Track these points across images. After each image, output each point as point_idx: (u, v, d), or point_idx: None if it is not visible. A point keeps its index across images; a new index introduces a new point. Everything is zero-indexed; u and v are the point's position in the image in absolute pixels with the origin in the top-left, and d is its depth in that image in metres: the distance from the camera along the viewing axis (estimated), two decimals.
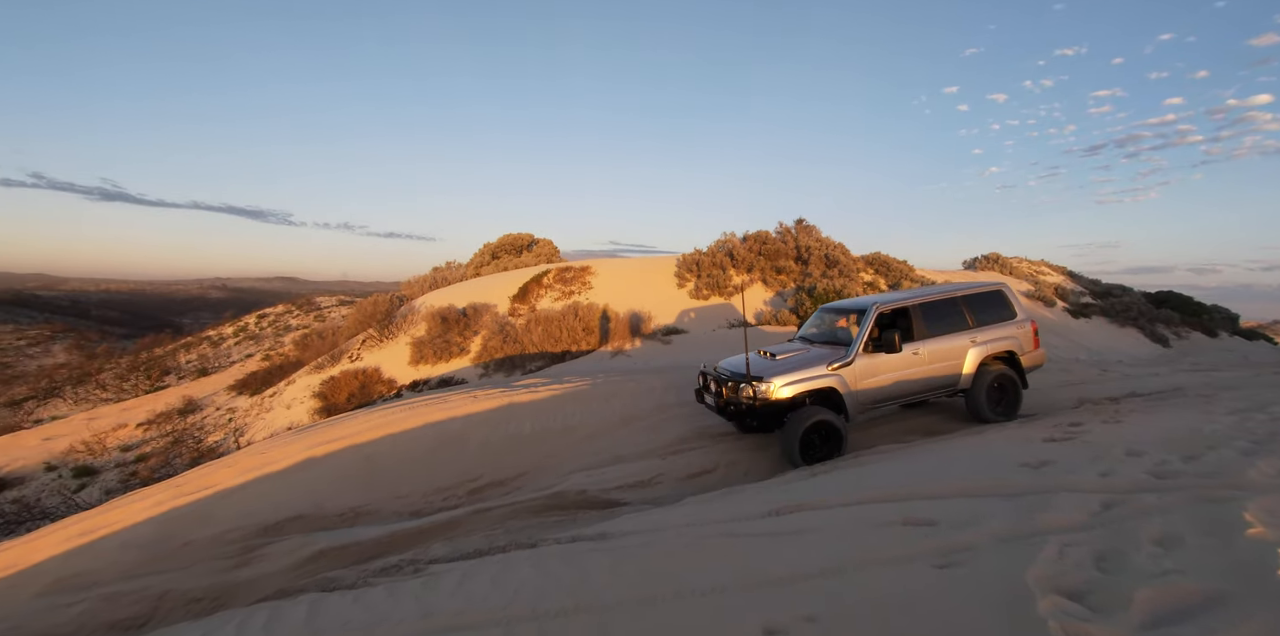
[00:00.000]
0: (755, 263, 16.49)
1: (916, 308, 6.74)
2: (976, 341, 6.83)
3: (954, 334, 6.77)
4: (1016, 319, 7.13)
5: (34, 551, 7.01)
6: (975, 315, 6.93)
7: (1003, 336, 6.98)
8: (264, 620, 3.61)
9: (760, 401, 6.04)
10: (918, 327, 6.67)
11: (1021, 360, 7.05)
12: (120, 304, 75.96)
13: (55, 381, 25.30)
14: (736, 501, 4.39)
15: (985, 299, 7.07)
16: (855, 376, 6.27)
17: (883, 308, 6.61)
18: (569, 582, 3.14)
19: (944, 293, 6.96)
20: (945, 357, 6.67)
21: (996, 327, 6.99)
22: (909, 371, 6.51)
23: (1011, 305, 7.16)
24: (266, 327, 30.58)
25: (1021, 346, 7.05)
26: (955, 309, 6.88)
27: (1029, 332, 7.12)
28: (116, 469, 12.78)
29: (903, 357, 6.46)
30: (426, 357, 14.03)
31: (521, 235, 26.75)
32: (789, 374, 6.15)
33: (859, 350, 6.33)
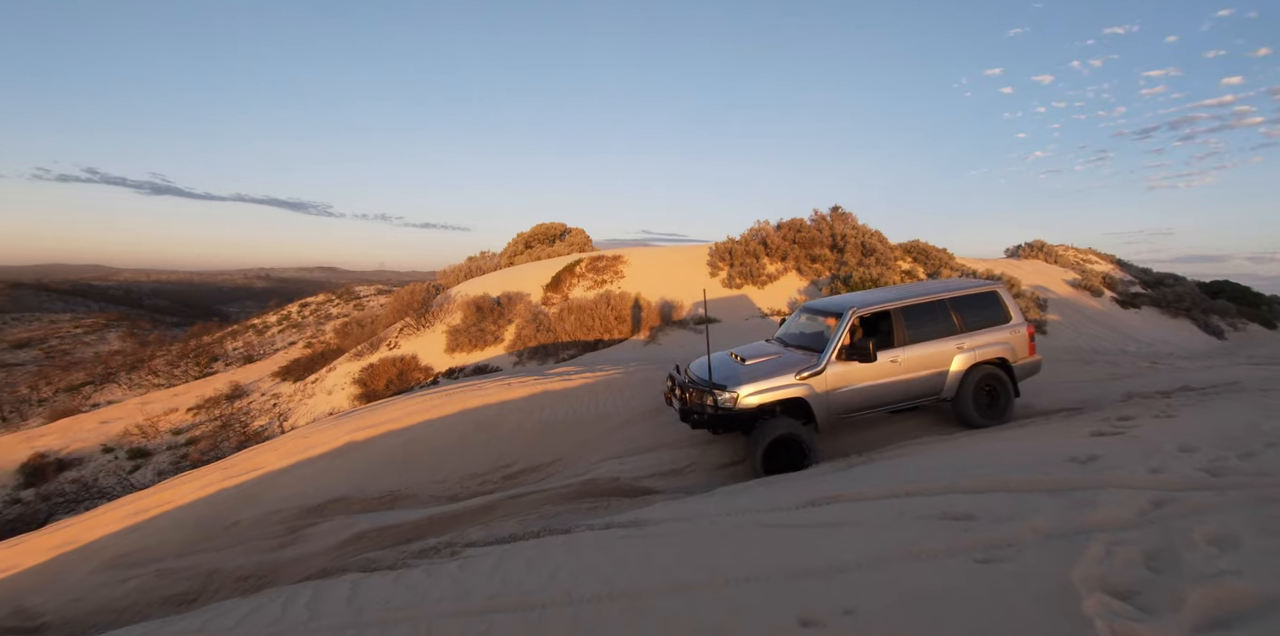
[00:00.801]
0: (789, 251, 16.28)
1: (899, 311, 6.35)
2: (964, 347, 6.45)
3: (939, 339, 6.38)
4: (1010, 323, 6.70)
5: (92, 529, 7.38)
6: (964, 318, 6.52)
7: (994, 342, 6.56)
8: (308, 598, 3.73)
9: (723, 410, 5.80)
10: (899, 332, 6.29)
11: (1014, 367, 6.66)
12: (170, 293, 78.96)
13: (111, 367, 26.49)
14: (770, 492, 4.37)
15: (976, 301, 6.64)
16: (827, 384, 5.97)
17: (861, 311, 6.27)
18: (603, 569, 3.17)
19: (930, 294, 6.54)
20: (928, 364, 6.31)
21: (987, 332, 6.57)
22: (887, 379, 6.16)
23: (1006, 308, 6.74)
24: (308, 316, 31.45)
25: (1015, 352, 6.63)
26: (942, 312, 6.46)
27: (1024, 337, 6.70)
28: (168, 451, 13.35)
29: (880, 365, 6.12)
30: (462, 345, 14.25)
31: (554, 224, 26.87)
32: (756, 382, 5.89)
33: (831, 357, 6.02)
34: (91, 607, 5.48)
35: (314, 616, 3.36)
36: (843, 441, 6.61)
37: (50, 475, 12.81)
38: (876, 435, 6.72)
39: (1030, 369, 6.82)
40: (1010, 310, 6.75)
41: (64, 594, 5.81)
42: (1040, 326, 14.30)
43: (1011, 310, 6.75)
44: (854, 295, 7.24)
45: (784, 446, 5.71)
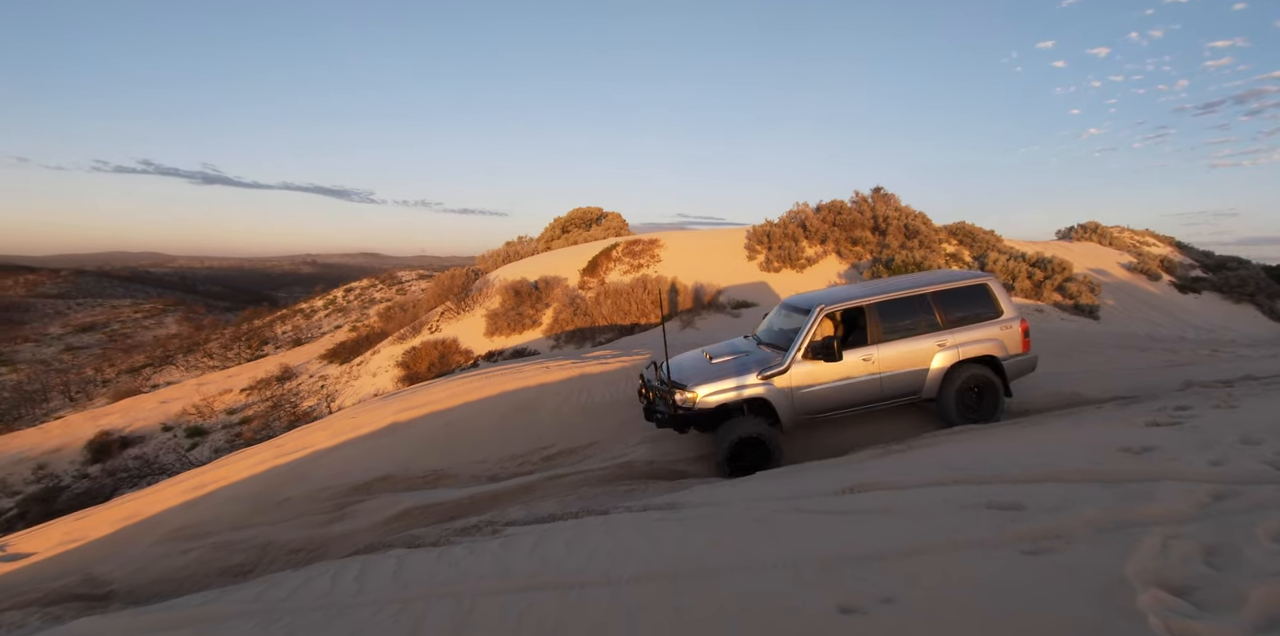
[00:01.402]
0: (829, 233, 15.97)
1: (872, 307, 6.11)
2: (946, 344, 6.11)
3: (918, 336, 6.09)
4: (1001, 318, 6.31)
5: (154, 503, 7.79)
6: (948, 314, 6.19)
7: (981, 338, 6.19)
8: (356, 572, 3.88)
9: (683, 410, 5.77)
10: (872, 329, 6.06)
11: (1005, 365, 6.26)
12: (223, 279, 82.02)
13: (169, 350, 27.74)
14: (805, 478, 4.34)
15: (962, 295, 6.27)
16: (793, 384, 5.82)
17: (829, 308, 6.05)
18: (641, 550, 3.20)
19: (910, 288, 6.24)
20: (905, 363, 6.03)
21: (974, 328, 6.21)
22: (859, 378, 5.94)
23: (996, 301, 6.35)
24: (353, 300, 32.31)
25: (1005, 349, 6.25)
26: (922, 307, 6.16)
27: (1016, 333, 6.30)
28: (223, 430, 13.96)
29: (850, 364, 5.91)
30: (501, 329, 14.46)
31: (590, 209, 26.90)
32: (716, 381, 5.81)
33: (795, 356, 5.85)
34: (154, 577, 5.81)
35: (362, 590, 3.49)
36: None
37: (115, 452, 13.55)
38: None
39: (1024, 366, 6.42)
40: (1002, 304, 6.35)
41: (129, 563, 6.16)
42: (1093, 311, 13.76)
43: (1003, 304, 6.36)
44: (831, 291, 6.93)
45: (752, 446, 5.63)
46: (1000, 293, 6.38)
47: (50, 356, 31.10)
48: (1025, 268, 14.45)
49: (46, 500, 11.17)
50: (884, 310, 6.11)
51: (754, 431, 5.59)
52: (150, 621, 3.76)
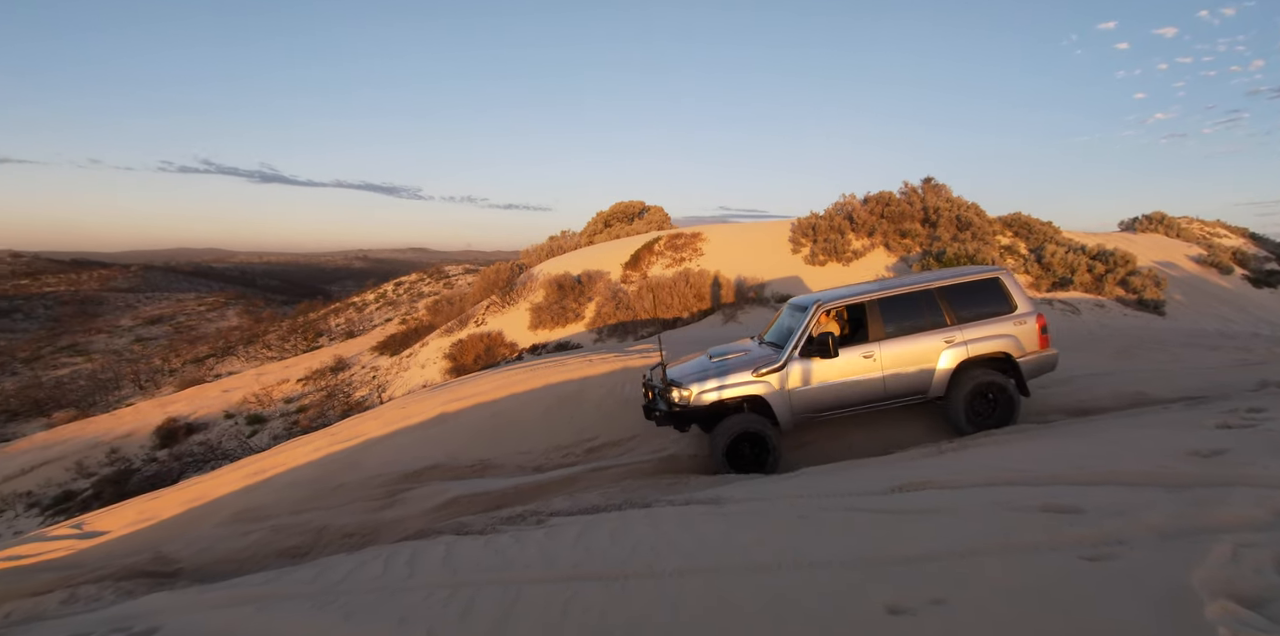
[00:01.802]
0: (877, 226, 15.59)
1: (874, 304, 5.93)
2: (954, 341, 5.84)
3: (923, 333, 5.86)
4: (1015, 313, 5.99)
5: (218, 486, 8.18)
6: (957, 310, 5.92)
7: (993, 335, 5.88)
8: (408, 557, 4.01)
9: (678, 407, 5.78)
10: (874, 327, 5.89)
11: (1021, 363, 5.92)
12: (279, 274, 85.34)
13: (230, 342, 29.04)
14: (855, 475, 4.27)
15: (972, 290, 6.00)
16: (790, 382, 5.73)
17: (827, 305, 5.93)
18: (684, 544, 3.21)
19: (915, 284, 6.03)
20: (910, 361, 5.81)
21: (985, 324, 5.91)
22: (860, 376, 5.77)
23: (1010, 297, 6.03)
24: (402, 294, 33.19)
25: (1020, 346, 5.93)
26: (928, 303, 5.92)
27: (1032, 330, 5.97)
28: (281, 418, 14.56)
29: (850, 362, 5.76)
30: (544, 323, 14.64)
31: (633, 203, 26.92)
32: (711, 379, 5.80)
33: (791, 353, 5.76)
34: (217, 556, 6.11)
35: (413, 574, 3.61)
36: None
37: (181, 437, 14.29)
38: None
39: (1042, 365, 6.04)
40: (1016, 299, 6.03)
41: (195, 543, 6.50)
42: (1158, 306, 13.09)
43: (1017, 299, 6.03)
44: (837, 289, 6.77)
45: (750, 443, 5.63)
46: (1014, 287, 6.07)
47: (122, 347, 32.94)
48: (1085, 260, 13.84)
49: (119, 482, 11.88)
50: (886, 306, 5.93)
51: (751, 427, 5.57)
52: (215, 599, 3.97)
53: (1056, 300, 13.02)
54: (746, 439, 5.63)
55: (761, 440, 5.63)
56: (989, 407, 5.87)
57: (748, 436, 5.62)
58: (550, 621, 2.62)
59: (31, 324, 37.10)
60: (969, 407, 5.81)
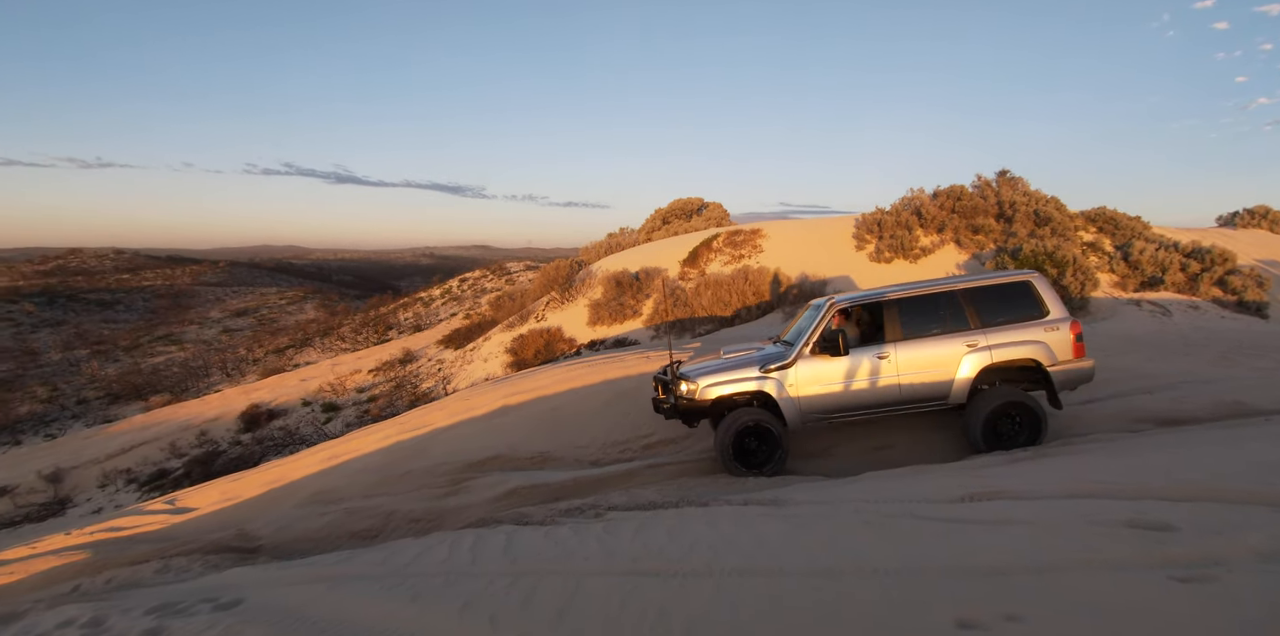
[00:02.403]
0: (947, 221, 14.97)
1: (893, 303, 5.70)
2: (977, 346, 5.51)
3: (944, 336, 5.57)
4: (1048, 318, 5.59)
5: (296, 469, 8.64)
6: (982, 314, 5.60)
7: (1020, 340, 5.51)
8: (471, 543, 4.12)
9: (684, 401, 5.77)
10: (891, 327, 5.66)
11: (1052, 372, 5.50)
12: (353, 270, 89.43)
13: (308, 334, 30.62)
14: (922, 482, 4.12)
15: (1000, 292, 5.69)
16: (798, 381, 5.58)
17: (842, 303, 5.78)
18: (744, 545, 3.18)
19: (939, 286, 5.77)
20: (928, 364, 5.53)
21: (1013, 330, 5.56)
22: (873, 378, 5.54)
23: (1041, 301, 5.65)
24: (466, 290, 34.18)
25: (1052, 354, 5.50)
26: (951, 305, 5.64)
27: (1066, 337, 5.53)
28: (353, 406, 15.24)
29: (863, 362, 5.55)
30: (603, 319, 14.78)
31: (691, 199, 26.79)
32: (719, 374, 5.73)
33: (801, 351, 5.62)
34: (295, 535, 6.45)
35: (475, 561, 3.70)
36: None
37: (263, 422, 15.16)
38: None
39: (1077, 375, 5.60)
40: (1048, 304, 5.65)
41: (274, 522, 6.88)
42: (1260, 309, 12.05)
43: (1050, 304, 5.65)
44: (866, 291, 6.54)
45: (757, 438, 5.54)
46: (1047, 291, 5.70)
47: (211, 337, 35.24)
48: (1178, 258, 12.88)
49: (207, 462, 12.72)
50: (905, 307, 5.69)
51: (757, 419, 5.49)
52: (292, 575, 4.19)
53: (1145, 301, 12.18)
54: (752, 434, 5.55)
55: (768, 436, 5.53)
56: (1013, 429, 5.45)
57: (754, 431, 5.54)
58: (610, 614, 2.64)
59: (131, 315, 40.16)
60: (988, 427, 5.43)
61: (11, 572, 6.80)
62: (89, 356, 30.84)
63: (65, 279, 49.80)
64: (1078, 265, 11.99)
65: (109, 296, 42.89)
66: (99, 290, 44.72)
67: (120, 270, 56.29)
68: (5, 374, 28.23)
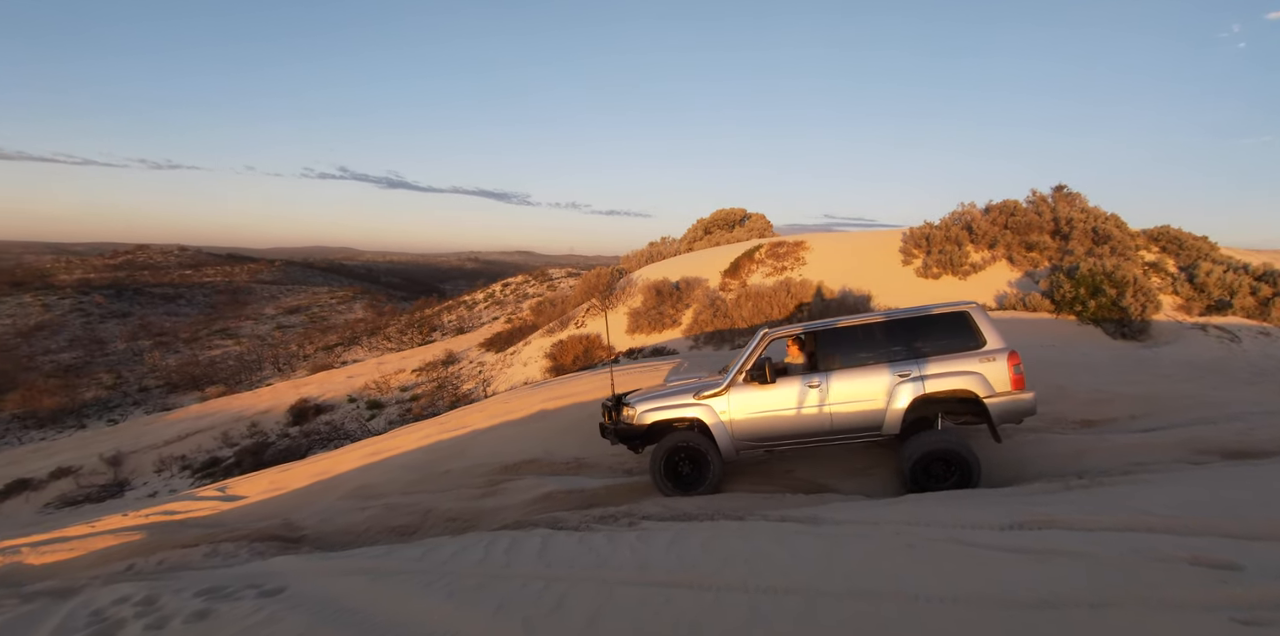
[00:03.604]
0: (999, 237, 14.55)
1: (825, 332, 5.77)
2: (909, 376, 5.40)
3: (876, 365, 5.53)
4: (984, 349, 5.45)
5: (340, 464, 8.88)
6: (917, 344, 5.55)
7: (954, 371, 5.37)
8: (506, 545, 4.17)
9: (622, 426, 6.00)
10: (823, 357, 5.71)
11: (989, 404, 5.31)
12: (400, 272, 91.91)
13: (356, 332, 31.54)
14: (967, 506, 3.99)
15: (935, 323, 5.63)
16: (730, 408, 5.70)
17: (775, 333, 5.88)
18: (780, 561, 3.13)
19: (875, 317, 5.80)
20: (859, 395, 5.49)
21: (948, 360, 5.43)
22: (803, 408, 5.55)
23: (978, 332, 5.52)
24: (509, 295, 34.72)
25: (988, 385, 5.33)
26: (885, 336, 5.63)
27: (1003, 368, 5.36)
28: (396, 405, 15.61)
29: (793, 391, 5.59)
30: (641, 327, 14.81)
31: (734, 210, 26.71)
32: (655, 400, 5.96)
33: (734, 379, 5.75)
34: (337, 527, 6.63)
35: (510, 563, 3.74)
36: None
37: (310, 417, 15.65)
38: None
39: (1016, 408, 5.38)
40: (986, 334, 5.51)
41: (318, 514, 7.08)
42: None
43: (988, 335, 5.51)
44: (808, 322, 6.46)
45: (690, 460, 5.72)
46: (984, 322, 5.58)
47: (265, 333, 36.63)
48: (1248, 281, 12.21)
49: (257, 453, 13.18)
50: (838, 337, 5.75)
51: (687, 441, 5.68)
52: (334, 566, 4.30)
53: (1211, 326, 11.58)
54: (685, 456, 5.73)
55: (700, 458, 5.69)
56: (945, 472, 5.25)
57: (686, 454, 5.72)
58: (641, 624, 2.64)
59: (192, 309, 42.07)
60: (918, 468, 5.24)
61: (72, 549, 7.17)
62: (151, 347, 32.40)
63: (133, 273, 52.56)
64: (1139, 286, 11.49)
65: (172, 291, 45.04)
66: (163, 285, 47.02)
67: (184, 266, 59.12)
68: (75, 361, 29.89)
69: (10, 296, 37.05)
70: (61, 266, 54.98)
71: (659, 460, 5.76)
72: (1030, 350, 9.95)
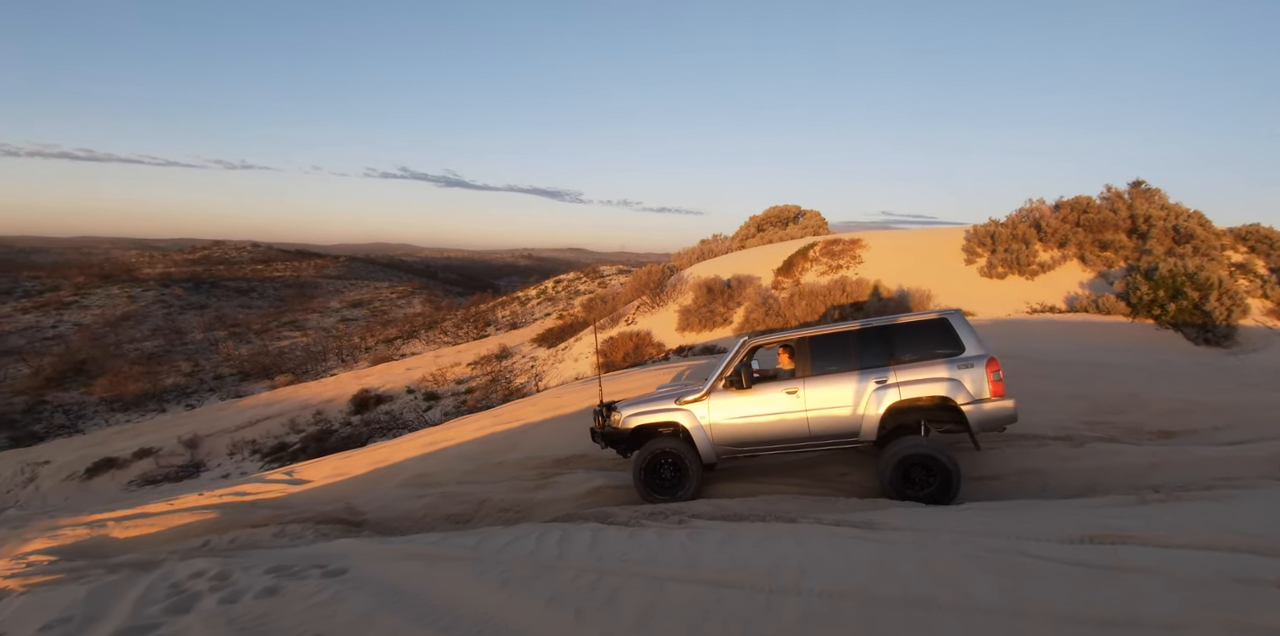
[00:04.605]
0: (1070, 235, 13.87)
1: (804, 340, 5.80)
2: (886, 383, 5.38)
3: (853, 372, 5.53)
4: (962, 356, 5.35)
5: (399, 452, 9.19)
6: (894, 351, 5.53)
7: (929, 378, 5.31)
8: (558, 538, 4.23)
9: (610, 430, 6.12)
10: (801, 364, 5.75)
11: (967, 411, 5.19)
12: (456, 268, 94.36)
13: (414, 326, 32.55)
14: (1032, 517, 3.82)
15: (914, 331, 5.61)
16: (711, 413, 5.80)
17: (755, 340, 6.00)
18: (834, 565, 3.08)
19: (853, 324, 5.80)
20: (836, 401, 5.50)
21: (922, 367, 5.38)
22: (782, 413, 5.61)
23: (957, 338, 5.44)
24: (560, 291, 35.18)
25: (965, 392, 5.22)
26: (863, 343, 5.62)
27: (981, 375, 5.25)
28: (452, 397, 16.04)
29: (772, 398, 5.66)
30: (692, 325, 14.77)
31: (787, 207, 26.31)
32: (640, 405, 6.12)
33: (714, 385, 5.85)
34: (396, 513, 6.86)
35: (562, 555, 3.80)
36: None
37: (371, 406, 16.26)
38: None
39: (996, 415, 5.24)
40: (964, 340, 5.43)
41: (377, 499, 7.35)
42: None
43: (966, 340, 5.43)
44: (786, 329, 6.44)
45: (671, 464, 5.82)
46: (964, 329, 5.51)
47: (330, 325, 38.22)
48: None
49: (321, 439, 13.79)
50: (816, 344, 5.77)
51: (667, 447, 5.81)
52: (393, 551, 4.46)
53: None
54: (666, 461, 5.83)
55: (680, 463, 5.78)
56: (926, 477, 5.17)
57: (666, 458, 5.82)
58: (692, 622, 2.64)
59: (264, 302, 44.23)
60: (898, 474, 5.18)
61: (152, 524, 7.66)
62: (226, 337, 34.27)
63: (209, 268, 55.65)
64: (1224, 288, 10.77)
65: (245, 285, 47.46)
66: (237, 279, 49.61)
67: (256, 261, 62.25)
68: (156, 349, 31.87)
69: (100, 288, 39.78)
70: (145, 261, 58.75)
71: (639, 466, 5.91)
72: (1102, 354, 9.46)
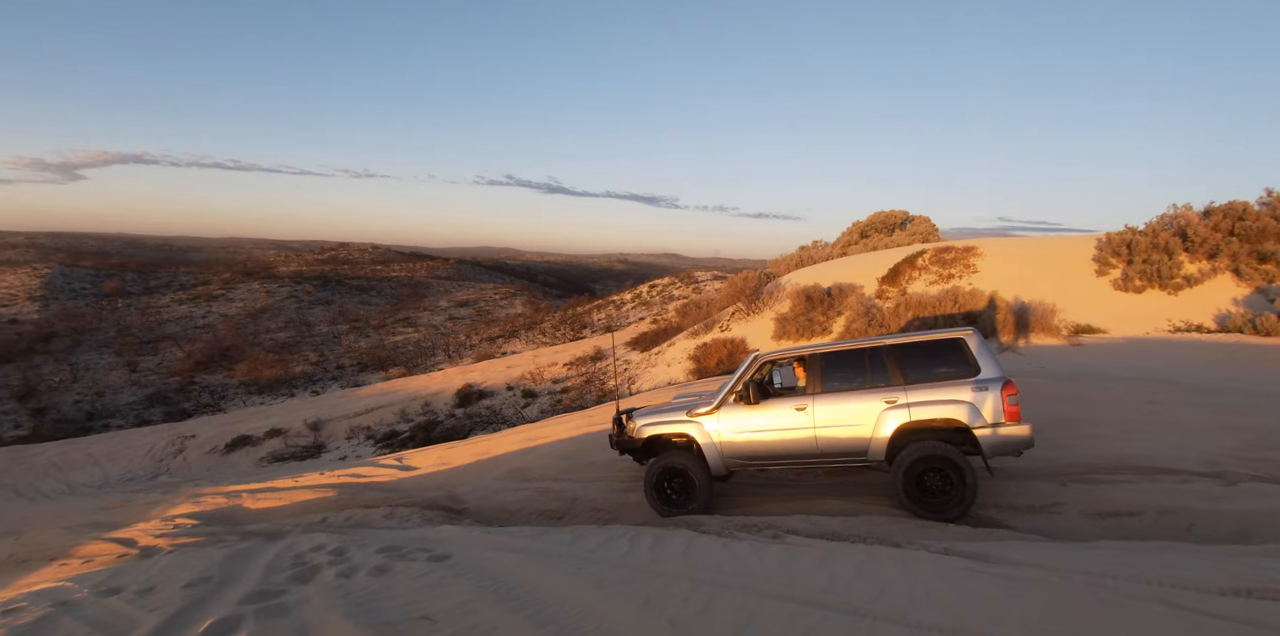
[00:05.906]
0: (1222, 245, 12.33)
1: (815, 357, 5.76)
2: (896, 403, 5.29)
3: (863, 391, 5.46)
4: (977, 378, 5.19)
5: (499, 446, 9.55)
6: (906, 371, 5.41)
7: (941, 400, 5.17)
8: (650, 542, 4.24)
9: (624, 439, 6.26)
10: (812, 381, 5.70)
11: (980, 435, 5.04)
12: (555, 272, 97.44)
13: (515, 326, 33.88)
14: (1177, 561, 3.39)
15: (929, 350, 5.46)
16: (720, 426, 5.83)
17: (766, 356, 6.01)
18: (944, 597, 2.87)
19: (867, 342, 5.74)
20: (845, 419, 5.45)
21: (935, 388, 5.24)
22: (791, 429, 5.61)
23: (971, 359, 5.29)
24: (655, 296, 35.45)
25: (980, 415, 5.07)
26: (875, 361, 5.54)
27: (996, 398, 5.07)
28: (548, 396, 16.52)
29: (781, 413, 5.65)
30: (789, 333, 14.40)
31: (894, 212, 25.16)
32: (654, 416, 6.19)
33: (725, 398, 5.89)
34: (494, 505, 7.14)
35: (655, 560, 3.80)
36: None
37: (473, 400, 17.03)
38: None
39: (1010, 440, 5.04)
40: (980, 362, 5.27)
41: (478, 490, 7.68)
42: None
43: (982, 362, 5.27)
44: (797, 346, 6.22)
45: (681, 478, 5.85)
46: (981, 349, 5.36)
47: (439, 323, 40.49)
48: None
49: (428, 429, 14.60)
50: (828, 361, 5.73)
51: (677, 462, 5.83)
52: (493, 541, 4.64)
53: None
54: (674, 476, 5.88)
55: (688, 477, 5.80)
56: (942, 485, 5.10)
57: (674, 473, 5.87)
58: None
59: (381, 300, 47.54)
60: (909, 481, 5.16)
61: (279, 498, 8.39)
62: (347, 331, 37.15)
63: (335, 267, 60.61)
64: None
65: (365, 283, 51.24)
66: (359, 278, 53.64)
67: (375, 262, 67.12)
68: (288, 340, 35.01)
69: (242, 284, 44.31)
70: (281, 260, 64.89)
71: (650, 481, 5.96)
72: (1259, 381, 8.34)
